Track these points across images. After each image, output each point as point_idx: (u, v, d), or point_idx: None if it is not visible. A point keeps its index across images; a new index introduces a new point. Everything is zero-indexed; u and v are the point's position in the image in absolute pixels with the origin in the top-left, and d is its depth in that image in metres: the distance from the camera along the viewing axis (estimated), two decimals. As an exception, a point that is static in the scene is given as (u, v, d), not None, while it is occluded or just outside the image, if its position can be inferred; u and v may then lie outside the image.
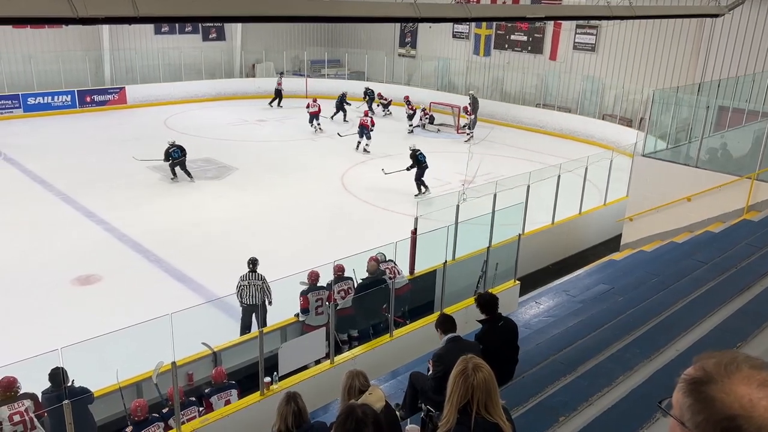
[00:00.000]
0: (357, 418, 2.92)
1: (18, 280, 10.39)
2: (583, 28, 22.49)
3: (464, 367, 2.92)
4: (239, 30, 27.87)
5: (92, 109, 23.64)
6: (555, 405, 4.76)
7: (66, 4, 3.90)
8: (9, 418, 5.80)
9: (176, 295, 9.85)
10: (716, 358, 1.23)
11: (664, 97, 13.96)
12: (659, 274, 8.44)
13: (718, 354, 1.25)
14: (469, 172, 12.58)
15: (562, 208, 12.02)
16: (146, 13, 4.46)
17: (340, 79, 28.18)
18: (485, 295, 5.80)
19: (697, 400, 1.19)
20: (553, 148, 19.93)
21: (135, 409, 5.99)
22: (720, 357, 1.23)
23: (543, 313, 8.67)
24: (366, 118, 18.84)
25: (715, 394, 1.17)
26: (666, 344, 5.50)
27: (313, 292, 8.35)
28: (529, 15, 11.77)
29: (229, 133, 20.89)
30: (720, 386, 1.18)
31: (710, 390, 1.18)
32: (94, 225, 12.85)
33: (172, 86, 25.32)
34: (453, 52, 26.94)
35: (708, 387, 1.19)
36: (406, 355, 7.64)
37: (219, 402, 6.60)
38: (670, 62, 20.20)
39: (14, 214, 13.23)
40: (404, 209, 12.80)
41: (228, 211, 13.82)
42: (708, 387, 1.19)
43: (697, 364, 1.25)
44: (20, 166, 16.59)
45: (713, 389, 1.18)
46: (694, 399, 1.20)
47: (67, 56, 23.64)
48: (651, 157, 12.13)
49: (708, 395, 1.18)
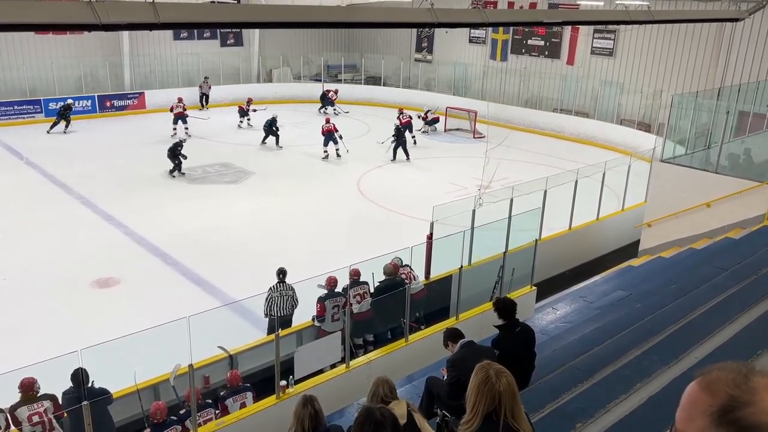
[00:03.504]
0: (375, 420, 2.92)
1: (38, 282, 10.54)
2: (601, 33, 22.35)
3: (486, 373, 2.86)
4: (257, 36, 28.08)
5: (112, 114, 23.93)
6: (572, 412, 4.73)
7: (89, 11, 3.96)
8: (28, 418, 5.87)
9: (193, 298, 9.92)
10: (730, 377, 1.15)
11: (684, 102, 13.82)
12: (678, 281, 8.36)
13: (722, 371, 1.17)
14: (485, 177, 12.53)
15: (579, 214, 11.94)
16: (167, 20, 4.52)
17: (356, 84, 28.28)
18: (503, 299, 5.78)
19: (740, 428, 1.10)
20: (570, 153, 19.82)
21: (155, 411, 6.04)
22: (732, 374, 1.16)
23: (560, 319, 8.61)
24: (329, 125, 18.49)
25: (757, 417, 1.09)
26: (685, 352, 5.44)
27: (330, 299, 8.35)
28: (546, 20, 11.73)
29: (247, 138, 21.03)
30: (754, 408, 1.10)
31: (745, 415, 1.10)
32: (113, 228, 12.99)
33: (191, 91, 25.52)
34: (470, 57, 26.90)
35: (740, 413, 1.11)
36: (421, 360, 7.63)
37: (234, 405, 6.64)
38: (689, 67, 20.00)
39: (35, 217, 13.42)
40: (420, 214, 12.78)
41: (245, 215, 13.90)
42: (740, 413, 1.11)
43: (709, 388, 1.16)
44: (41, 170, 16.83)
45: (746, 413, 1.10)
46: (735, 429, 1.11)
47: (87, 62, 23.98)
48: (670, 162, 12.02)
49: (749, 422, 1.10)
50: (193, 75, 26.32)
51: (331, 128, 18.49)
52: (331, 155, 18.57)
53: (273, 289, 8.48)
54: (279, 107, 26.09)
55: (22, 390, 5.97)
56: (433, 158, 19.53)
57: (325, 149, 18.45)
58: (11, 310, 9.64)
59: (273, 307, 8.43)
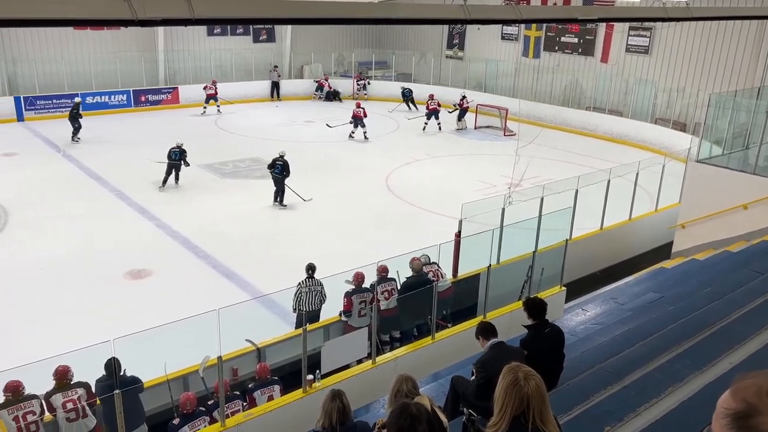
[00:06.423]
0: (411, 414, 2.92)
1: (74, 272, 10.78)
2: (636, 30, 21.94)
3: (515, 376, 2.82)
4: (289, 32, 28.26)
5: (146, 109, 24.37)
6: (600, 414, 4.67)
7: (126, 7, 4.03)
8: (62, 405, 6.01)
9: (223, 291, 10.05)
10: (755, 386, 1.18)
11: (721, 101, 13.50)
12: (712, 284, 8.19)
13: (755, 379, 1.20)
14: (515, 175, 12.42)
15: (611, 214, 11.76)
16: (201, 15, 4.57)
17: (387, 80, 28.30)
18: (534, 299, 5.72)
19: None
20: (603, 151, 19.54)
21: (185, 402, 6.14)
22: (758, 383, 1.18)
23: (589, 320, 8.50)
24: (359, 110, 20.17)
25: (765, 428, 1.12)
26: (719, 356, 5.33)
27: (357, 294, 8.37)
28: (581, 17, 11.54)
29: (278, 134, 21.20)
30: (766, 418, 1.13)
31: (757, 423, 1.13)
32: (147, 221, 13.23)
33: (223, 86, 25.87)
34: (501, 54, 26.67)
35: (754, 420, 1.14)
36: (447, 359, 7.61)
37: (262, 397, 6.71)
38: (728, 65, 19.51)
39: (71, 209, 13.73)
40: (448, 211, 12.72)
41: (275, 210, 14.02)
42: (754, 420, 1.14)
43: (735, 393, 1.19)
44: (78, 163, 17.22)
45: (760, 422, 1.13)
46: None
47: (123, 57, 24.43)
48: (706, 162, 11.77)
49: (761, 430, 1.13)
50: (226, 70, 26.69)
51: (360, 113, 20.07)
52: (358, 137, 20.27)
53: (302, 284, 8.52)
54: (312, 103, 26.42)
55: (56, 377, 6.12)
56: (462, 155, 19.43)
57: (357, 129, 20.17)
58: (47, 298, 9.89)
59: (301, 302, 8.49)
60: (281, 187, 14.13)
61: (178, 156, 15.44)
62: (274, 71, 27.38)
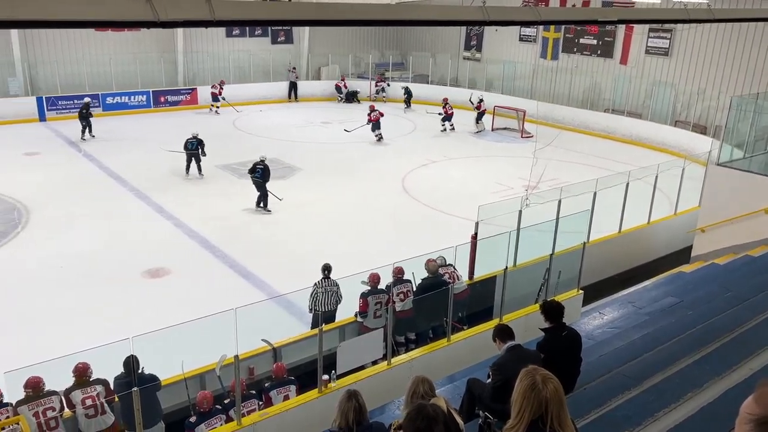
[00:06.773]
0: (428, 415, 2.93)
1: (93, 271, 10.91)
2: (656, 32, 21.74)
3: (533, 379, 2.79)
4: (307, 33, 28.39)
5: (165, 109, 24.62)
6: (618, 419, 4.63)
7: (148, 9, 4.08)
8: (82, 401, 6.09)
9: (240, 290, 10.12)
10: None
11: (743, 104, 13.33)
12: (732, 289, 8.08)
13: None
14: (533, 178, 12.36)
15: (629, 217, 11.65)
16: (222, 17, 4.62)
17: (404, 81, 28.32)
18: (551, 302, 5.69)
19: None
20: (621, 154, 19.38)
21: (201, 400, 6.19)
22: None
23: (607, 324, 8.43)
24: (375, 113, 20.31)
25: None
26: (739, 362, 5.26)
27: (373, 295, 8.38)
28: (601, 18, 11.44)
29: (295, 135, 21.31)
30: None
31: None
32: (165, 220, 13.36)
33: (241, 88, 26.05)
34: (519, 56, 26.56)
35: None
36: (463, 361, 7.58)
37: (278, 397, 6.73)
38: (749, 67, 19.25)
39: (91, 207, 13.90)
40: (465, 213, 12.70)
41: (292, 211, 14.08)
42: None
43: (759, 398, 1.20)
44: (97, 162, 17.43)
45: None
46: None
47: (143, 58, 24.70)
48: (726, 166, 11.61)
49: None
50: (245, 71, 26.88)
51: (377, 117, 20.25)
52: (372, 139, 20.43)
53: (318, 284, 8.55)
54: (330, 104, 26.51)
55: (76, 374, 6.20)
56: (479, 157, 19.38)
57: (377, 131, 20.41)
58: (66, 296, 10.02)
59: (318, 302, 8.51)
60: (263, 191, 14.07)
61: (195, 146, 15.71)
62: (292, 72, 27.55)
